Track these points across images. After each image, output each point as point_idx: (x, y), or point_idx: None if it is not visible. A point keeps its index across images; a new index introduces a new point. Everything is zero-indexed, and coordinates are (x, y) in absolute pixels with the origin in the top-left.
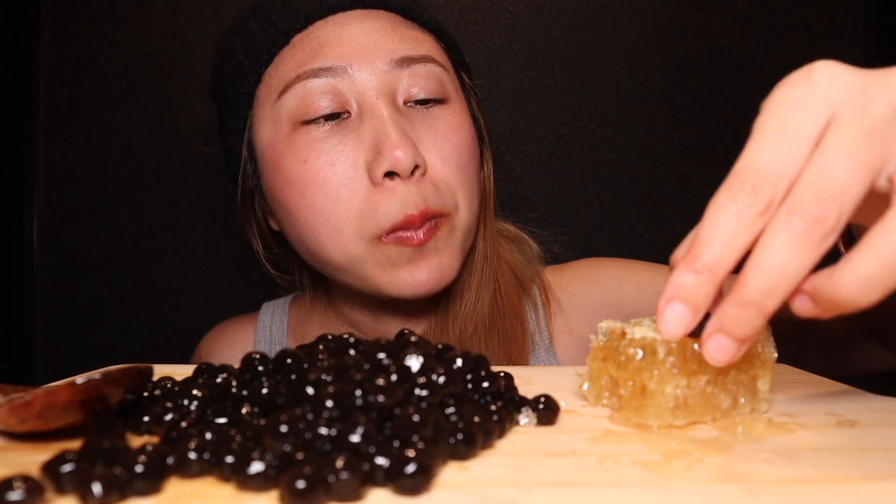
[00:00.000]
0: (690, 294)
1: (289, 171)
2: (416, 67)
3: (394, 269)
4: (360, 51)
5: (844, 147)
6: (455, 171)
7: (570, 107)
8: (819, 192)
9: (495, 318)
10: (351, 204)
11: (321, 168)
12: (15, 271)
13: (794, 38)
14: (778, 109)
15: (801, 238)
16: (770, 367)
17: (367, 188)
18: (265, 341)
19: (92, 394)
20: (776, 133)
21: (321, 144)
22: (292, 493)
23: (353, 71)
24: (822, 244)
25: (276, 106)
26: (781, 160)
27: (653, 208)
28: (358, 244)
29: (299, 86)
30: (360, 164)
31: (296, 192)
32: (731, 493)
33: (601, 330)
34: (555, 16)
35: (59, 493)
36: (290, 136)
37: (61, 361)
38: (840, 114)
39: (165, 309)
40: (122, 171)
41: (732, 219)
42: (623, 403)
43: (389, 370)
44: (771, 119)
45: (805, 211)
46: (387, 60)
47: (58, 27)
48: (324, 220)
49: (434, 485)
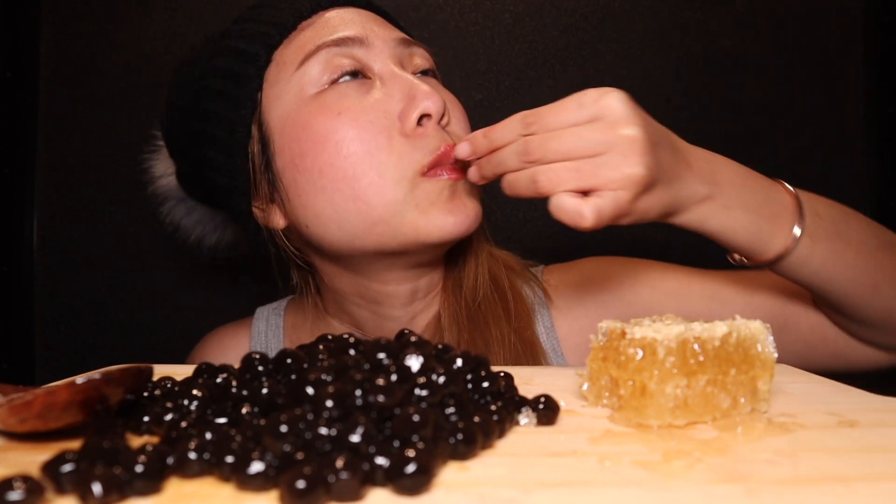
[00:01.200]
0: (475, 146)
1: (321, 129)
2: (415, 49)
3: (432, 208)
4: (369, 28)
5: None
6: (465, 130)
7: None
8: (547, 141)
9: (497, 300)
10: (391, 147)
11: (358, 119)
12: (15, 271)
13: (794, 38)
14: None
15: (522, 153)
16: (770, 367)
17: (400, 134)
18: (260, 346)
19: (92, 394)
20: (560, 106)
21: (352, 98)
22: (292, 493)
23: (369, 42)
24: (528, 161)
25: (295, 76)
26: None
27: None
28: (399, 186)
29: (321, 54)
30: (393, 113)
31: (330, 147)
32: (731, 493)
33: (601, 330)
34: (555, 16)
35: (59, 493)
36: (318, 97)
37: (61, 361)
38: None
39: (165, 309)
40: (122, 171)
41: (509, 130)
42: (623, 403)
43: (389, 370)
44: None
45: (535, 146)
46: (393, 38)
47: (58, 27)
48: (363, 168)
49: (434, 485)
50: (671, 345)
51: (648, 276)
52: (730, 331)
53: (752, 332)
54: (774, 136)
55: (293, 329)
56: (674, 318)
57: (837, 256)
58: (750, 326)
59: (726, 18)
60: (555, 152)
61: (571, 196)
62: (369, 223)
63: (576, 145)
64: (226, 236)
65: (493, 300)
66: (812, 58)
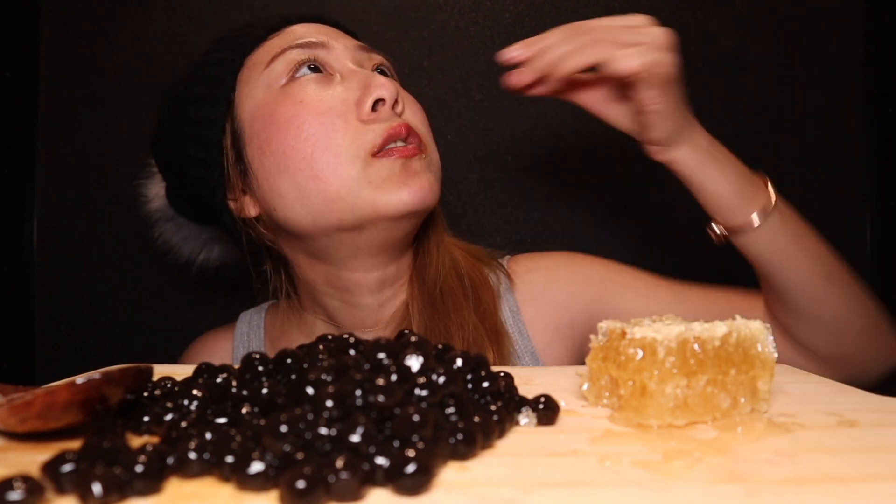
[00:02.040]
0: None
1: (285, 115)
2: (373, 55)
3: (386, 184)
4: (331, 37)
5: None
6: (423, 124)
7: (570, 107)
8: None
9: (460, 288)
10: (346, 129)
11: (317, 103)
12: (15, 271)
13: (794, 38)
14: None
15: (570, 35)
16: (770, 367)
17: (357, 119)
18: (244, 348)
19: (92, 394)
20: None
21: (314, 87)
22: (292, 493)
23: (330, 46)
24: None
25: (264, 74)
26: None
27: (653, 208)
28: (354, 164)
29: (286, 54)
30: (350, 102)
31: (293, 130)
32: (731, 493)
33: (601, 330)
34: (555, 16)
35: (59, 493)
36: (283, 89)
37: (61, 361)
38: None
39: (165, 309)
40: (122, 171)
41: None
42: (623, 403)
43: (389, 370)
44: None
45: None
46: (353, 45)
47: (58, 27)
48: (321, 147)
49: (434, 485)
50: (671, 345)
51: (619, 276)
52: (730, 331)
53: (752, 332)
54: (774, 136)
55: (272, 328)
56: (674, 319)
57: (800, 241)
58: (750, 326)
59: (726, 18)
60: (601, 31)
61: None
62: (328, 200)
63: (620, 37)
64: (213, 254)
65: (456, 288)
66: (812, 58)
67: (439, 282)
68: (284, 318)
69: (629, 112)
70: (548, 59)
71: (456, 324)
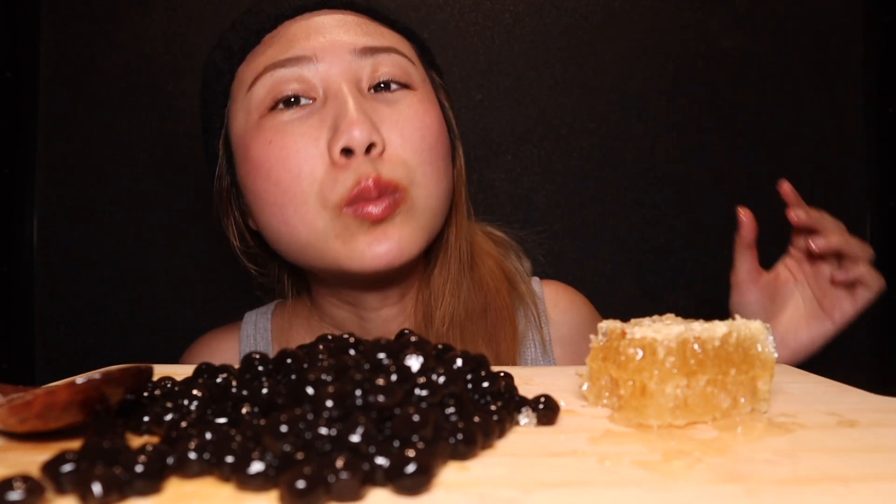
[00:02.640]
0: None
1: (256, 155)
2: (380, 56)
3: (353, 240)
4: (325, 42)
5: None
6: (416, 151)
7: (570, 107)
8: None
9: (478, 318)
10: (313, 177)
11: (284, 146)
12: (15, 271)
13: (794, 38)
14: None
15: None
16: (770, 367)
17: (326, 165)
18: (250, 349)
19: (92, 394)
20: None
21: (286, 126)
22: (292, 493)
23: (319, 60)
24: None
25: (246, 97)
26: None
27: (653, 208)
28: (321, 215)
29: (267, 76)
30: (322, 142)
31: (262, 174)
32: (731, 493)
33: (601, 330)
34: (555, 16)
35: (59, 493)
36: (258, 122)
37: (61, 361)
38: None
39: (165, 309)
40: (122, 171)
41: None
42: (623, 403)
43: (389, 370)
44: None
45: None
46: (351, 50)
47: (58, 27)
48: (289, 195)
49: (434, 485)
50: (671, 345)
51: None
52: (730, 331)
53: (752, 332)
54: (774, 136)
55: (280, 331)
56: (673, 319)
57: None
58: (750, 326)
59: (726, 18)
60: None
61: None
62: (299, 247)
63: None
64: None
65: (464, 326)
66: (812, 58)
67: (447, 319)
68: (292, 319)
69: (810, 293)
70: (835, 239)
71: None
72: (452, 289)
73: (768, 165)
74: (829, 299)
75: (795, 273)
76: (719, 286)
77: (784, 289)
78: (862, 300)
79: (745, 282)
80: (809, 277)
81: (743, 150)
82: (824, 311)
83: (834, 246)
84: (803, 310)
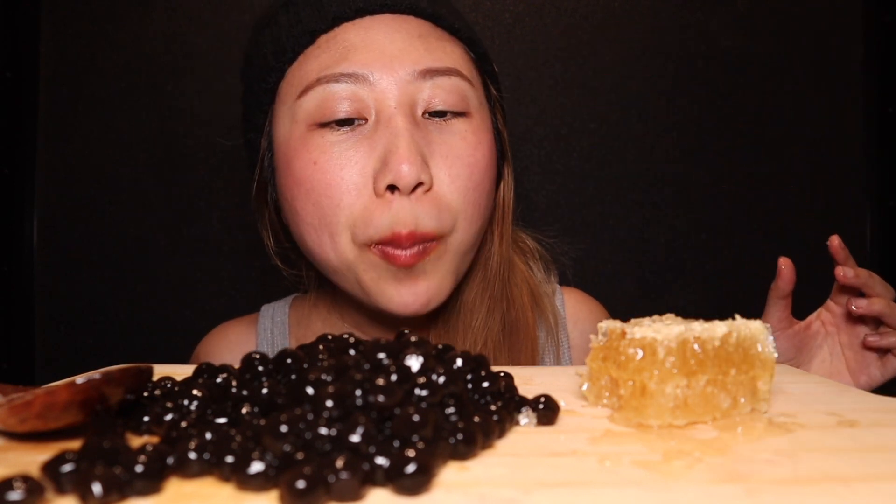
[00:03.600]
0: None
1: (299, 171)
2: (439, 80)
3: (381, 281)
4: (383, 59)
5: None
6: (462, 191)
7: (570, 107)
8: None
9: (507, 335)
10: (352, 209)
11: (330, 171)
12: (15, 271)
13: (794, 38)
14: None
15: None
16: (770, 367)
17: (369, 197)
18: (266, 343)
19: (92, 394)
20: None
21: (333, 148)
22: (292, 493)
23: (375, 79)
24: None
25: (295, 105)
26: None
27: (653, 208)
28: (351, 248)
29: (320, 88)
30: (368, 171)
31: (303, 192)
32: (731, 493)
33: (601, 330)
34: (555, 16)
35: (59, 493)
36: (304, 136)
37: (61, 361)
38: None
39: (165, 309)
40: (122, 171)
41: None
42: (623, 403)
43: (389, 370)
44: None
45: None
46: (410, 70)
47: (58, 27)
48: (326, 222)
49: (434, 485)
50: (671, 345)
51: None
52: (730, 331)
53: (752, 332)
54: (774, 136)
55: (298, 326)
56: (673, 319)
57: None
58: (750, 326)
59: (726, 18)
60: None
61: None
62: (330, 268)
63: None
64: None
65: (497, 343)
66: (812, 58)
67: (481, 337)
68: (311, 313)
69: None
70: (878, 305)
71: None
72: (488, 304)
73: (768, 165)
74: (858, 361)
75: (828, 326)
76: (719, 286)
77: (813, 341)
78: (892, 368)
79: (775, 330)
80: (843, 334)
81: (743, 150)
82: (851, 371)
83: (876, 311)
84: (829, 365)
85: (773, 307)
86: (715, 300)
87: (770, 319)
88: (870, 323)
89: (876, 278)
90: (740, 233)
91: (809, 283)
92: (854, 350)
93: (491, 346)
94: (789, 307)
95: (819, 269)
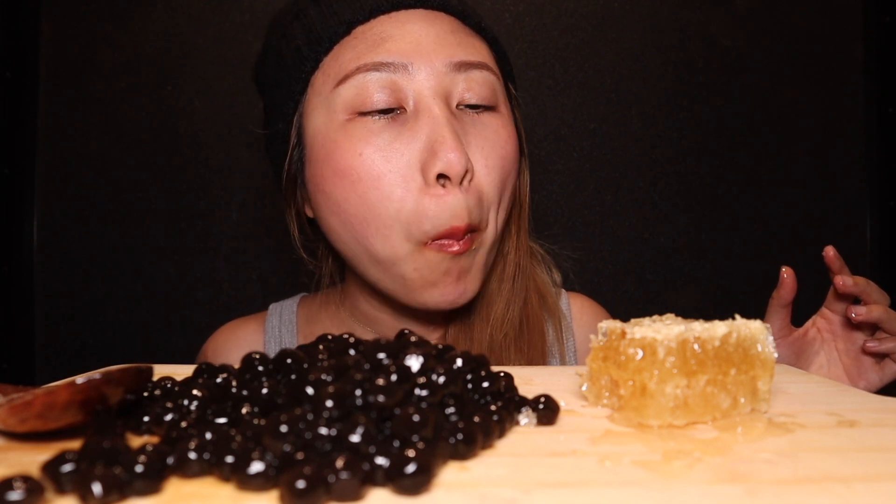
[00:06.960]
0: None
1: (342, 163)
2: (472, 73)
3: (427, 278)
4: (421, 50)
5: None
6: (497, 182)
7: (570, 107)
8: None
9: (523, 330)
10: (403, 203)
11: (377, 163)
12: (15, 271)
13: (794, 38)
14: None
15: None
16: (770, 367)
17: (419, 188)
18: (275, 341)
19: (92, 394)
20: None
21: (377, 138)
22: (292, 493)
23: (413, 69)
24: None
25: (332, 95)
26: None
27: (653, 208)
28: (404, 245)
29: (359, 77)
30: (415, 162)
31: (347, 184)
32: (731, 493)
33: (601, 330)
34: (555, 16)
35: (59, 493)
36: (345, 126)
37: (61, 361)
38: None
39: (165, 309)
40: (122, 171)
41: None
42: (623, 403)
43: (389, 370)
44: None
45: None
46: (446, 62)
47: (58, 27)
48: (374, 215)
49: (434, 485)
50: (671, 345)
51: None
52: (730, 331)
53: (752, 332)
54: (774, 135)
55: (307, 323)
56: (673, 319)
57: None
58: (750, 326)
59: (726, 18)
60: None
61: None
62: (372, 262)
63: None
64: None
65: (515, 335)
66: (812, 58)
67: (500, 330)
68: (320, 311)
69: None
70: (876, 312)
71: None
72: (508, 296)
73: (768, 165)
74: (856, 367)
75: (824, 333)
76: (719, 286)
77: (810, 348)
78: (890, 373)
79: (776, 338)
80: (840, 341)
81: (743, 150)
82: (849, 377)
83: (875, 318)
84: (827, 372)
85: (774, 315)
86: (715, 300)
87: (770, 328)
88: (866, 329)
89: (873, 285)
90: (740, 233)
91: (809, 284)
92: (851, 356)
93: (511, 339)
94: (789, 316)
95: (818, 271)
